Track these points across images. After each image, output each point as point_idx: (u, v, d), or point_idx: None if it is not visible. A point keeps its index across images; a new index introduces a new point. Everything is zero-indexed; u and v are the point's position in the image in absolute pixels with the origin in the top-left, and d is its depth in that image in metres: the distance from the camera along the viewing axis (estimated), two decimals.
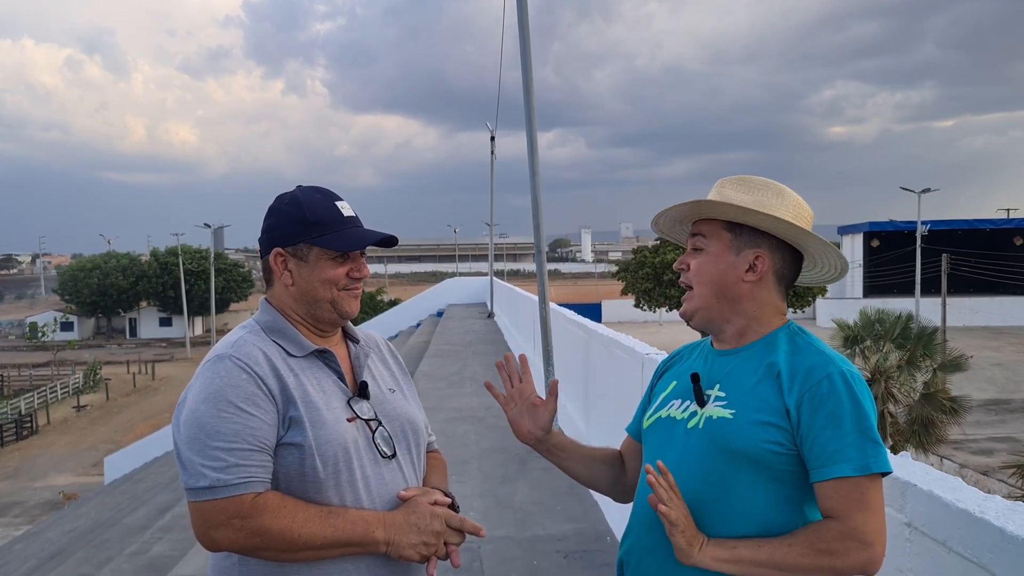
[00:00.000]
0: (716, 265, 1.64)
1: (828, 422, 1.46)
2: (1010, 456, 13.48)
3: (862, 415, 1.46)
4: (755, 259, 1.63)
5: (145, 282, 64.51)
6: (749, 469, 1.51)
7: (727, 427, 1.53)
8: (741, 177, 1.69)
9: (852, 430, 1.45)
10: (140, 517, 13.02)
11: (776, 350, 1.58)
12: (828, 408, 1.46)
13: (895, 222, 50.51)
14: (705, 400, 1.60)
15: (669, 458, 1.59)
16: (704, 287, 1.65)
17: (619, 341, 5.42)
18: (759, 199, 1.63)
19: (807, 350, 1.56)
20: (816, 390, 1.48)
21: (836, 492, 1.45)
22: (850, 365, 1.53)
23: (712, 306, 1.65)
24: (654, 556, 1.59)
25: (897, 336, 16.43)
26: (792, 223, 1.61)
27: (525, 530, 5.27)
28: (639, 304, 44.53)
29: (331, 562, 1.59)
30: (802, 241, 1.64)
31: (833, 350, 1.57)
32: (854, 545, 1.42)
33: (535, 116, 7.09)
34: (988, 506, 1.61)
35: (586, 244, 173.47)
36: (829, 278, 1.77)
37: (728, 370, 1.62)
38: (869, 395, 1.50)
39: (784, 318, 1.67)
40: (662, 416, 1.69)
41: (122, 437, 33.62)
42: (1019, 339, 38.95)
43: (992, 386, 26.38)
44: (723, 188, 1.68)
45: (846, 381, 1.48)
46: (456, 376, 12.45)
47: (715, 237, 1.65)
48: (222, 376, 1.58)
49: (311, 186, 1.79)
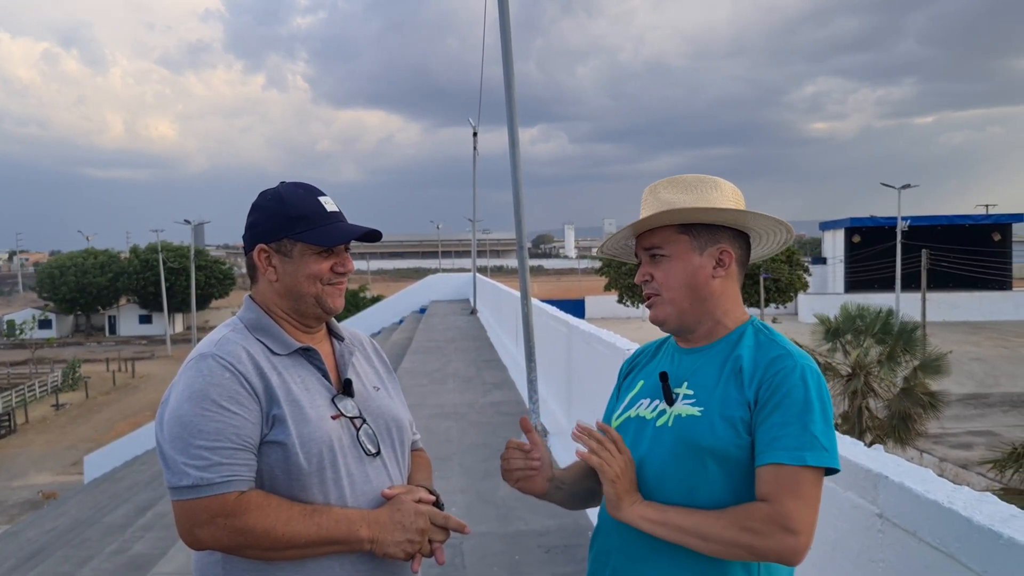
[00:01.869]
0: (685, 269, 1.64)
1: (774, 410, 1.49)
2: (988, 450, 13.66)
3: (808, 408, 1.48)
4: (721, 253, 1.65)
5: (125, 279, 63.97)
6: (717, 465, 1.53)
7: (696, 424, 1.56)
8: (671, 179, 1.70)
9: (795, 421, 1.48)
10: (121, 516, 12.95)
11: (740, 346, 1.61)
12: (777, 398, 1.50)
13: (876, 218, 50.98)
14: (674, 398, 1.62)
15: (640, 456, 1.62)
16: (675, 292, 1.64)
17: (600, 337, 5.45)
18: (701, 196, 1.65)
19: (769, 346, 1.58)
20: (772, 381, 1.51)
21: (771, 477, 1.47)
22: (811, 361, 1.55)
23: (686, 310, 1.65)
24: (623, 555, 1.61)
25: (878, 331, 16.60)
26: (744, 210, 1.65)
27: (507, 525, 5.29)
28: (622, 300, 44.66)
29: (315, 560, 1.59)
30: (751, 224, 1.68)
31: (796, 346, 1.60)
32: (778, 530, 1.43)
33: (517, 111, 7.10)
34: (957, 497, 1.64)
35: (569, 240, 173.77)
36: (777, 249, 1.81)
37: (695, 368, 1.64)
38: (824, 393, 1.52)
39: (746, 312, 1.70)
40: (631, 416, 1.70)
41: (102, 436, 33.33)
42: (997, 334, 39.44)
43: (971, 381, 26.69)
44: (659, 193, 1.68)
45: (802, 376, 1.51)
46: (439, 372, 12.45)
47: (673, 243, 1.65)
48: (205, 375, 1.58)
49: (294, 182, 1.79)
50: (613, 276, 44.38)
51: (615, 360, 4.60)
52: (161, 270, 60.40)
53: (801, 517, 1.44)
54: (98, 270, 63.60)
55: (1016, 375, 28.01)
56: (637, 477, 1.60)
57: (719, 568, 1.52)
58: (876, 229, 49.40)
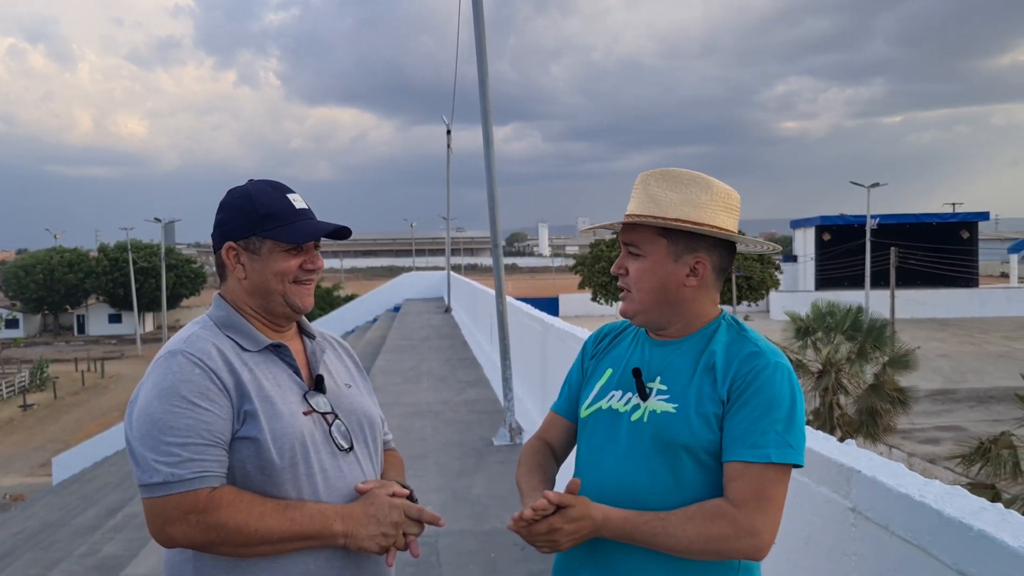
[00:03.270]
0: (656, 273, 1.63)
1: (743, 407, 1.50)
2: (955, 445, 13.89)
3: (777, 406, 1.49)
4: (696, 263, 1.63)
5: (94, 278, 63.01)
6: (693, 462, 1.54)
7: (671, 421, 1.56)
8: (664, 171, 1.67)
9: (762, 418, 1.49)
10: (90, 517, 12.78)
11: (714, 341, 1.61)
12: (747, 395, 1.51)
13: (846, 216, 51.62)
14: (648, 393, 1.62)
15: (616, 452, 1.62)
16: (645, 293, 1.64)
17: (575, 335, 5.47)
18: (689, 197, 1.62)
19: (742, 342, 1.59)
20: (745, 377, 1.52)
21: (737, 475, 1.49)
22: (783, 358, 1.56)
23: (653, 311, 1.65)
24: (599, 549, 1.61)
25: (848, 328, 16.82)
26: (727, 230, 1.63)
27: (483, 523, 5.29)
28: (596, 298, 44.81)
29: (289, 556, 1.58)
30: (735, 239, 1.67)
31: (768, 342, 1.60)
32: (744, 534, 1.46)
33: (491, 109, 7.10)
34: (928, 490, 1.67)
35: (543, 238, 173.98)
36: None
37: (668, 361, 1.63)
38: (795, 390, 1.53)
39: (719, 308, 1.69)
40: (603, 407, 1.69)
41: (71, 436, 32.84)
42: (964, 331, 40.13)
43: (938, 376, 27.14)
44: (650, 186, 1.65)
45: (773, 373, 1.52)
46: (413, 371, 12.41)
47: (650, 244, 1.63)
48: (175, 372, 1.57)
49: (262, 180, 1.78)
50: (587, 274, 44.50)
51: None
52: (131, 269, 59.56)
53: (764, 518, 1.47)
54: (66, 268, 62.57)
55: (982, 371, 28.52)
56: (615, 474, 1.60)
57: (698, 562, 1.53)
58: (846, 227, 50.03)
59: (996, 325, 42.06)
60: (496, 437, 7.44)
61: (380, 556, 1.67)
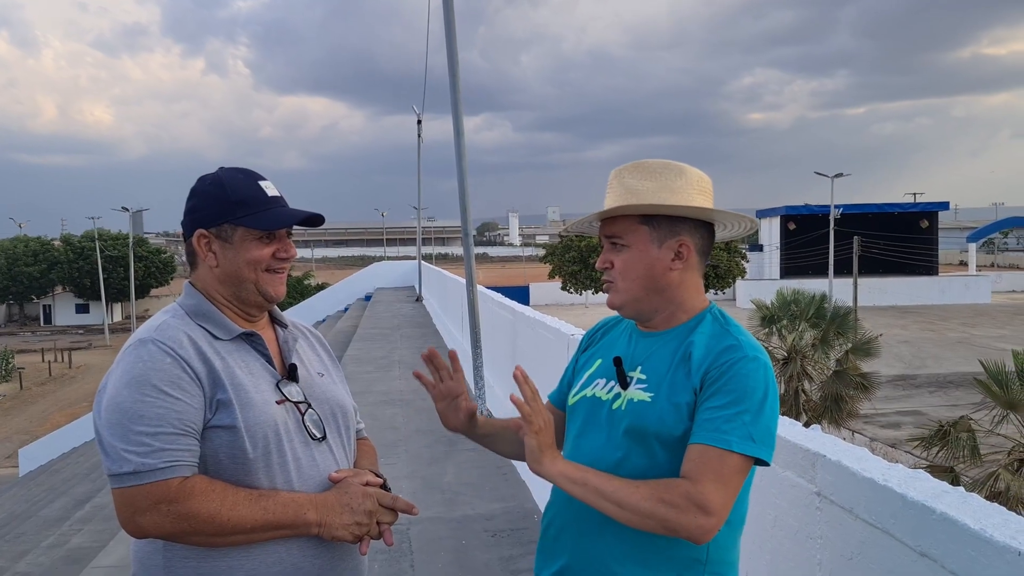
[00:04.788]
0: (642, 260, 1.64)
1: (714, 395, 1.51)
2: (916, 429, 14.19)
3: (747, 398, 1.50)
4: (679, 246, 1.64)
5: (59, 268, 61.80)
6: (665, 450, 1.55)
7: (646, 410, 1.58)
8: (637, 163, 1.69)
9: (730, 407, 1.49)
10: (58, 509, 12.62)
11: (696, 332, 1.62)
12: (719, 385, 1.52)
13: (810, 206, 52.29)
14: (628, 382, 1.64)
15: (595, 438, 1.64)
16: (632, 282, 1.65)
17: (545, 323, 5.49)
18: (665, 184, 1.64)
19: (723, 335, 1.60)
20: (719, 368, 1.53)
21: (696, 456, 1.49)
22: (762, 353, 1.57)
23: (642, 299, 1.66)
24: (575, 527, 1.63)
25: (812, 316, 17.08)
26: (706, 208, 1.65)
27: (454, 510, 5.31)
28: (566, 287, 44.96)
29: (261, 546, 1.57)
30: (715, 216, 1.69)
31: (751, 337, 1.61)
32: (694, 507, 1.44)
33: (461, 99, 7.06)
34: (891, 474, 1.70)
35: (513, 228, 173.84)
36: (742, 234, 1.83)
37: (650, 352, 1.65)
38: (770, 387, 1.54)
39: (706, 299, 1.71)
40: (587, 395, 1.71)
41: (37, 428, 32.29)
42: (924, 317, 40.91)
43: (900, 362, 27.65)
44: (624, 179, 1.67)
45: (748, 366, 1.52)
46: (384, 360, 12.38)
47: (632, 233, 1.65)
48: (145, 360, 1.55)
49: (233, 167, 1.76)
50: (557, 263, 44.59)
51: (560, 345, 4.64)
52: (98, 258, 58.48)
53: (717, 499, 1.45)
54: (31, 258, 61.30)
55: (941, 357, 29.10)
56: (594, 459, 1.61)
57: (670, 545, 1.55)
58: (810, 217, 50.65)
59: (955, 312, 42.92)
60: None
61: (354, 545, 1.67)
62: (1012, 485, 9.76)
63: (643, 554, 1.57)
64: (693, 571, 1.57)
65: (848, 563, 1.78)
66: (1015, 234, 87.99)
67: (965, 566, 1.41)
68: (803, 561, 1.97)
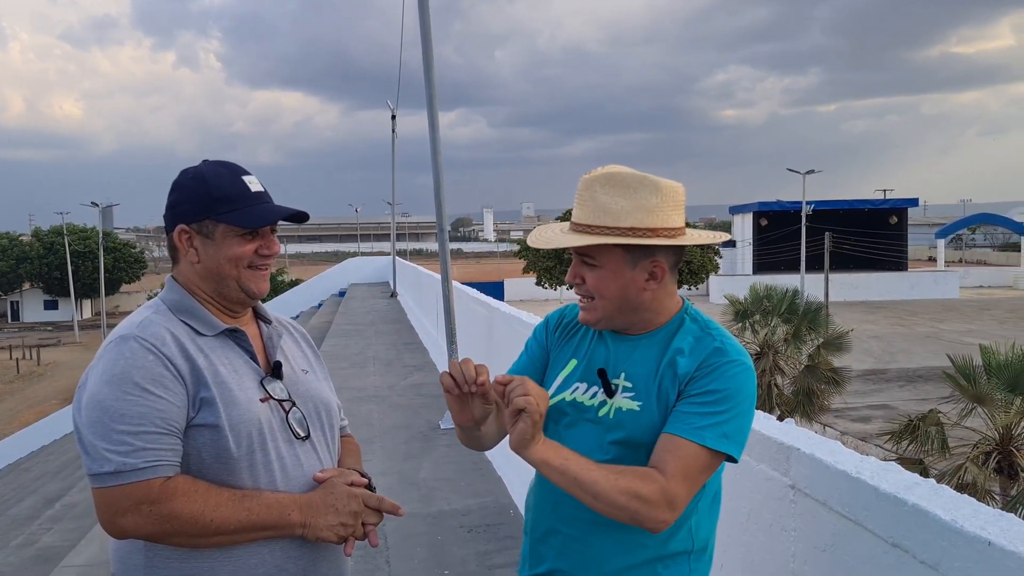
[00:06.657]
0: (616, 281, 1.60)
1: (695, 392, 1.54)
2: (886, 423, 14.41)
3: (725, 399, 1.52)
4: (654, 267, 1.60)
5: (28, 264, 60.73)
6: None
7: (636, 419, 1.58)
8: (609, 174, 1.60)
9: (708, 405, 1.52)
10: (27, 507, 12.42)
11: (678, 338, 1.62)
12: (701, 383, 1.54)
13: (782, 202, 52.77)
14: (614, 391, 1.62)
15: (583, 446, 1.59)
16: (606, 301, 1.62)
17: (520, 318, 5.49)
18: (640, 202, 1.56)
19: (706, 339, 1.60)
20: (704, 370, 1.55)
21: (669, 447, 1.50)
22: (745, 356, 1.59)
23: (615, 317, 1.64)
24: (563, 531, 1.63)
25: (784, 311, 17.28)
26: (683, 241, 1.59)
27: (430, 506, 5.30)
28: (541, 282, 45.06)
29: (245, 547, 1.55)
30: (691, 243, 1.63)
31: (732, 338, 1.63)
32: (664, 504, 1.47)
33: (436, 95, 7.05)
34: (864, 467, 1.73)
35: (488, 223, 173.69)
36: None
37: (632, 357, 1.64)
38: (751, 393, 1.56)
39: (679, 299, 1.69)
40: (567, 399, 1.68)
41: (5, 425, 31.69)
42: (894, 313, 41.48)
43: (870, 357, 28.02)
44: (597, 194, 1.58)
45: (732, 370, 1.54)
46: (359, 356, 12.33)
47: (606, 254, 1.59)
48: (127, 357, 1.52)
49: (217, 160, 1.72)
50: (531, 259, 44.65)
51: None
52: (67, 254, 57.52)
53: (685, 496, 1.49)
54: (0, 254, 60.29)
55: (910, 351, 29.54)
56: None
57: (660, 546, 1.57)
58: (782, 213, 51.12)
59: (924, 307, 43.57)
60: (442, 420, 7.44)
61: (338, 546, 1.66)
62: (978, 479, 9.95)
63: (633, 557, 1.58)
64: (680, 565, 1.60)
65: (822, 555, 1.81)
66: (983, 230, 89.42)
67: (936, 556, 1.44)
68: (778, 553, 1.99)
